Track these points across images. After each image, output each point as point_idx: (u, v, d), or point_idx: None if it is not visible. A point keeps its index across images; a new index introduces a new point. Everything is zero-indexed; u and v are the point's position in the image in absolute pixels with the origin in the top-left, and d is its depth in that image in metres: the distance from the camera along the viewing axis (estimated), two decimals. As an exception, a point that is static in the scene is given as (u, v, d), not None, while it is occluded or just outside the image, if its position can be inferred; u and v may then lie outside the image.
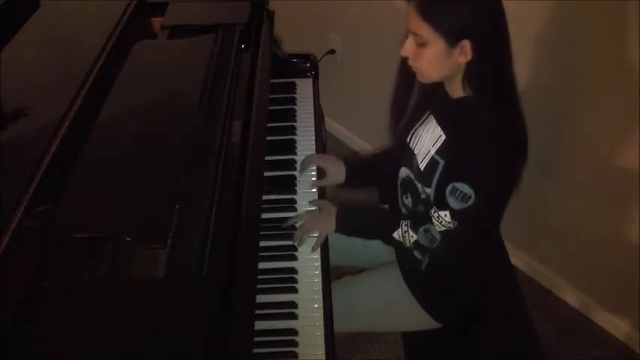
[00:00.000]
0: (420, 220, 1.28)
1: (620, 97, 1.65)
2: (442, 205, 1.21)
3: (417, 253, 1.34)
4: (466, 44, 1.11)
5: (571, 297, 2.09)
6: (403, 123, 1.38)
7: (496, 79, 1.17)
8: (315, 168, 1.51)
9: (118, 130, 1.15)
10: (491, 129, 1.15)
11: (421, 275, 1.37)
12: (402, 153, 1.38)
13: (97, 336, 0.85)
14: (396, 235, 1.32)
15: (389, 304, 1.42)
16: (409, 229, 1.29)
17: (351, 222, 1.40)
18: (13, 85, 1.20)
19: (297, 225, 1.38)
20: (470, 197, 1.16)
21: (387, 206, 1.57)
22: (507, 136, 1.17)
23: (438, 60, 1.14)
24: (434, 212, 1.23)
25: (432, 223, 1.24)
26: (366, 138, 2.67)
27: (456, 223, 1.21)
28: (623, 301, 1.92)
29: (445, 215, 1.21)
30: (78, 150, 1.07)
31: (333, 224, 1.37)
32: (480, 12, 1.10)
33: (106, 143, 1.11)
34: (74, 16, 1.50)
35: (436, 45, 1.12)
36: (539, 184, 1.89)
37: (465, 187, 1.16)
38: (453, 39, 1.11)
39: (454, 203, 1.18)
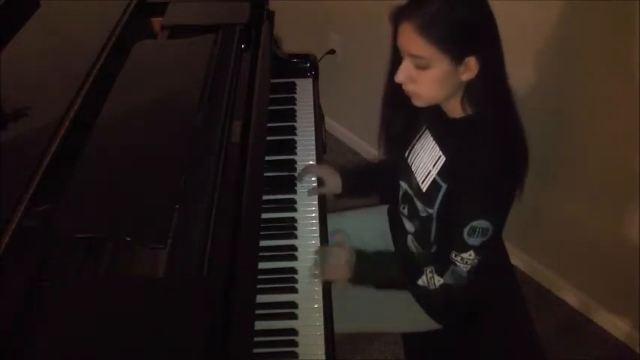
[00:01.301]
0: (442, 263, 1.23)
1: (620, 97, 1.65)
2: (462, 247, 1.17)
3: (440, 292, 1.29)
4: (471, 60, 1.07)
5: (571, 297, 2.09)
6: (399, 137, 1.37)
7: (499, 94, 1.15)
8: (314, 177, 1.51)
9: (118, 130, 1.15)
10: (493, 150, 1.13)
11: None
12: (400, 167, 1.37)
13: (97, 336, 0.85)
14: (421, 282, 1.27)
15: (389, 305, 1.42)
16: (434, 275, 1.25)
17: (368, 276, 1.34)
18: (13, 85, 1.20)
19: (314, 265, 1.31)
20: (488, 230, 1.14)
21: (387, 207, 1.57)
22: (513, 154, 1.15)
23: (441, 81, 1.10)
24: (455, 256, 1.19)
25: (457, 265, 1.21)
26: (366, 138, 2.66)
27: (480, 257, 1.19)
28: (623, 301, 1.92)
29: (470, 255, 1.18)
30: (78, 150, 1.07)
31: (347, 275, 1.31)
32: (482, 26, 1.07)
33: (106, 143, 1.11)
34: (74, 16, 1.50)
35: (440, 65, 1.08)
36: (540, 184, 1.89)
37: (483, 223, 1.14)
38: (458, 57, 1.07)
39: (475, 241, 1.16)
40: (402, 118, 1.32)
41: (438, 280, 1.25)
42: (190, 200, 1.08)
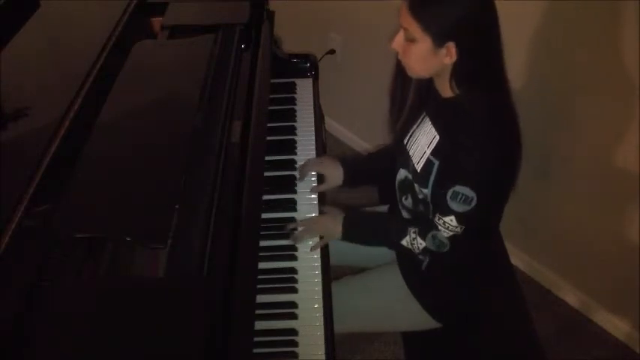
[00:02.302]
0: (426, 226, 1.28)
1: (620, 96, 1.65)
2: (445, 210, 1.21)
3: (422, 257, 1.34)
4: (451, 46, 1.12)
5: (571, 297, 2.09)
6: (400, 124, 1.38)
7: (483, 80, 1.18)
8: (314, 173, 1.51)
9: (118, 130, 1.15)
10: (481, 128, 1.16)
11: (421, 275, 1.37)
12: (400, 155, 1.38)
13: (97, 336, 0.85)
14: (405, 242, 1.31)
15: (389, 304, 1.42)
16: (417, 237, 1.29)
17: (358, 231, 1.40)
18: (13, 85, 1.20)
19: (300, 225, 1.37)
20: (472, 199, 1.16)
21: (387, 207, 1.57)
22: (499, 134, 1.17)
23: (424, 58, 1.16)
24: (438, 219, 1.23)
25: (438, 230, 1.24)
26: (366, 138, 2.66)
27: (463, 227, 1.21)
28: (623, 301, 1.92)
29: (451, 220, 1.21)
30: (78, 150, 1.07)
31: (338, 231, 1.37)
32: (467, 16, 1.11)
33: (106, 143, 1.11)
34: (74, 16, 1.50)
35: (423, 43, 1.13)
36: (539, 183, 1.89)
37: (466, 190, 1.16)
38: (439, 39, 1.12)
39: (457, 207, 1.18)
40: (408, 91, 1.34)
41: (420, 243, 1.28)
42: (190, 200, 1.08)
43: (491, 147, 1.16)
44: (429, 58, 1.16)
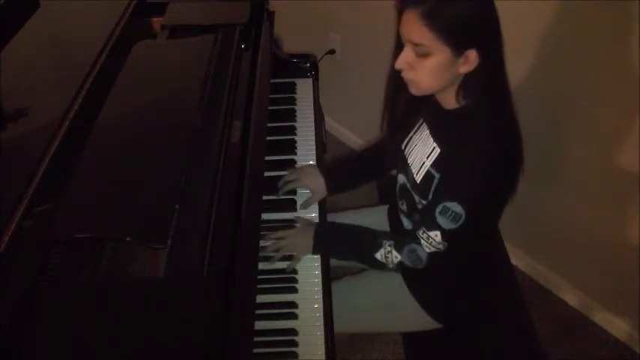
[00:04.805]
0: (405, 239, 1.26)
1: (620, 97, 1.65)
2: (432, 225, 1.18)
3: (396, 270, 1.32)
4: (472, 53, 1.08)
5: (571, 297, 2.09)
6: (397, 129, 1.37)
7: (495, 88, 1.16)
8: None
9: (118, 130, 1.15)
10: (486, 142, 1.13)
11: (421, 275, 1.37)
12: (398, 160, 1.37)
13: (97, 336, 0.85)
14: (379, 256, 1.28)
15: (389, 304, 1.42)
16: (393, 250, 1.27)
17: (329, 243, 1.35)
18: (13, 85, 1.20)
19: (271, 242, 1.33)
20: (461, 217, 1.14)
21: (387, 207, 1.57)
22: (503, 149, 1.15)
23: (440, 70, 1.11)
24: (422, 233, 1.21)
25: (420, 244, 1.22)
26: (365, 138, 2.66)
27: (446, 244, 1.20)
28: (623, 301, 1.92)
29: (436, 236, 1.19)
30: (78, 150, 1.07)
31: (310, 245, 1.32)
32: (486, 20, 1.08)
33: (106, 143, 1.11)
34: (74, 16, 1.51)
35: (441, 54, 1.08)
36: (539, 184, 1.89)
37: (456, 207, 1.14)
38: (460, 48, 1.08)
39: (445, 224, 1.16)
40: (404, 102, 1.31)
41: (396, 257, 1.26)
42: (190, 200, 1.08)
43: (490, 161, 1.13)
44: (444, 70, 1.11)
